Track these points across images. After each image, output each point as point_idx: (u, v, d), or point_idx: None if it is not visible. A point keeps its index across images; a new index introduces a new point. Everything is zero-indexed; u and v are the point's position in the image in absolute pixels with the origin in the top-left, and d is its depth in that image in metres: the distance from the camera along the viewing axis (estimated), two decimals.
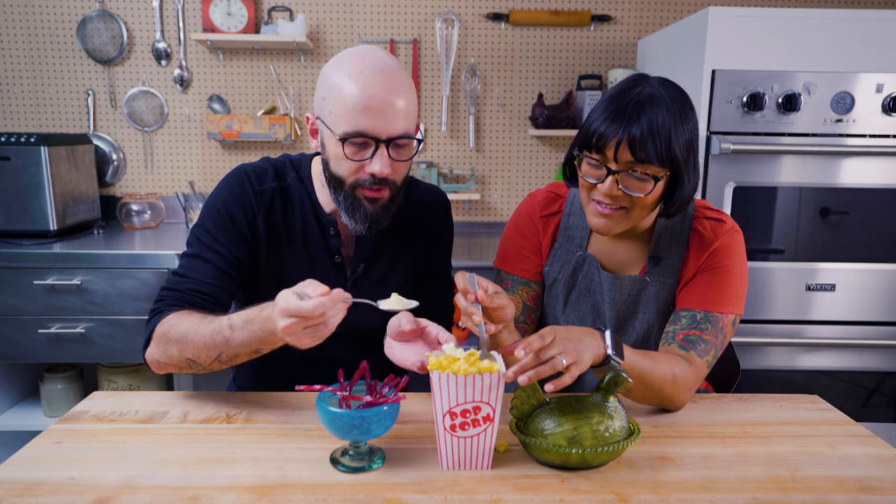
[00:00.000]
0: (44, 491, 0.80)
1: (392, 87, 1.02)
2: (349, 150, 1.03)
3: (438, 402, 0.83)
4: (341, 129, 1.02)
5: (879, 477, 0.86)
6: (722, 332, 1.09)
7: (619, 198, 1.04)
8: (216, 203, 1.14)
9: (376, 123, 1.01)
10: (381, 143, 1.02)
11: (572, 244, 1.21)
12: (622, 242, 1.19)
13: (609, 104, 1.02)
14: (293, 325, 0.85)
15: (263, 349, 0.97)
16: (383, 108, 1.00)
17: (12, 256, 1.98)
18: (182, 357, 1.01)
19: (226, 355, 0.98)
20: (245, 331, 0.95)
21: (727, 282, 1.11)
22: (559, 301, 1.22)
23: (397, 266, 1.23)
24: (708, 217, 1.16)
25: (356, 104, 1.00)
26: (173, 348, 1.01)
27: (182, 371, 1.04)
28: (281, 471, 0.85)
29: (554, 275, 1.22)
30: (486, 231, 2.67)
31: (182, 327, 1.01)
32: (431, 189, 1.29)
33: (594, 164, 1.04)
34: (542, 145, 2.64)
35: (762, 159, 1.92)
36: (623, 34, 2.57)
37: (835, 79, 1.87)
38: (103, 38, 2.47)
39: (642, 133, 0.98)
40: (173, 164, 2.60)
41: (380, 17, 2.53)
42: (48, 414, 2.27)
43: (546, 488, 0.82)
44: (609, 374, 0.89)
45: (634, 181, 1.02)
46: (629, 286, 1.16)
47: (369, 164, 1.03)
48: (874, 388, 2.07)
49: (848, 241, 1.98)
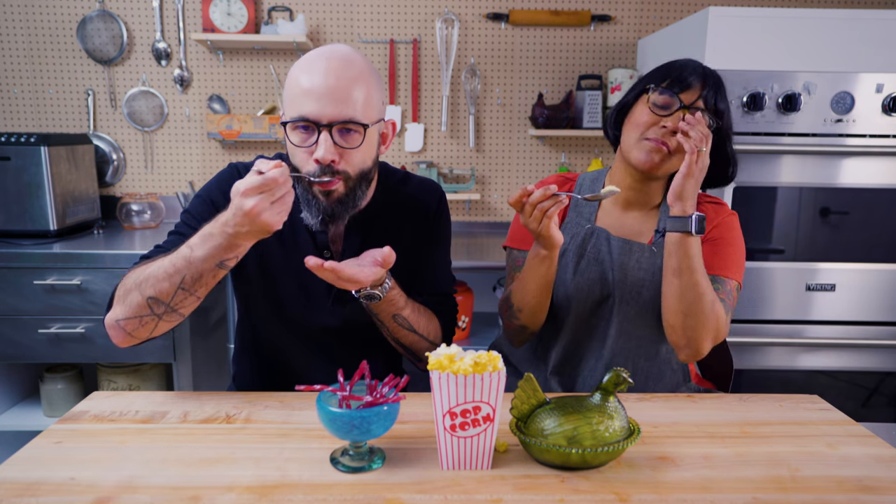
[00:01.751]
0: (44, 491, 0.80)
1: (338, 72, 1.01)
2: (295, 137, 1.04)
3: (438, 402, 0.83)
4: (287, 115, 1.04)
5: (879, 477, 0.86)
6: (730, 296, 1.18)
7: (671, 138, 1.15)
8: (203, 193, 1.17)
9: (317, 107, 1.01)
10: (322, 127, 1.01)
11: (581, 218, 1.29)
12: (630, 215, 1.27)
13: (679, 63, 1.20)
14: (260, 202, 0.88)
15: (228, 260, 0.97)
16: (325, 92, 1.00)
17: (12, 256, 1.98)
18: (143, 299, 0.98)
19: (189, 277, 0.97)
20: (205, 245, 0.95)
21: (729, 252, 1.21)
22: (568, 269, 1.26)
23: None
24: (709, 202, 1.28)
25: (300, 89, 1.02)
26: (134, 293, 0.99)
27: (146, 327, 1.01)
28: (281, 471, 0.85)
29: (564, 245, 1.25)
30: (486, 231, 2.67)
31: (142, 270, 1.00)
32: (425, 182, 1.28)
33: (667, 97, 1.16)
34: (542, 145, 2.64)
35: (762, 159, 1.92)
36: (623, 34, 2.57)
37: (835, 79, 1.87)
38: (103, 38, 2.47)
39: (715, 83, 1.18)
40: (173, 164, 2.61)
41: (380, 17, 2.53)
42: (48, 414, 2.27)
43: (546, 488, 0.82)
44: (609, 374, 0.89)
45: (695, 117, 1.13)
46: (638, 253, 1.23)
47: (314, 151, 1.03)
48: (874, 388, 2.07)
49: (848, 241, 1.98)
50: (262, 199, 0.89)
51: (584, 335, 1.27)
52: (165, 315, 1.00)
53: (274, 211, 0.91)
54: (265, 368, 1.28)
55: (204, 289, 1.00)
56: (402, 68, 2.57)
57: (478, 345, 2.30)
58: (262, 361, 1.27)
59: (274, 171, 0.90)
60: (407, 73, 2.57)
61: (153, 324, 1.01)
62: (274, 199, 0.90)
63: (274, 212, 0.91)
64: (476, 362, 0.83)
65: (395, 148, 2.63)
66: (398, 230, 1.22)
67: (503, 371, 0.84)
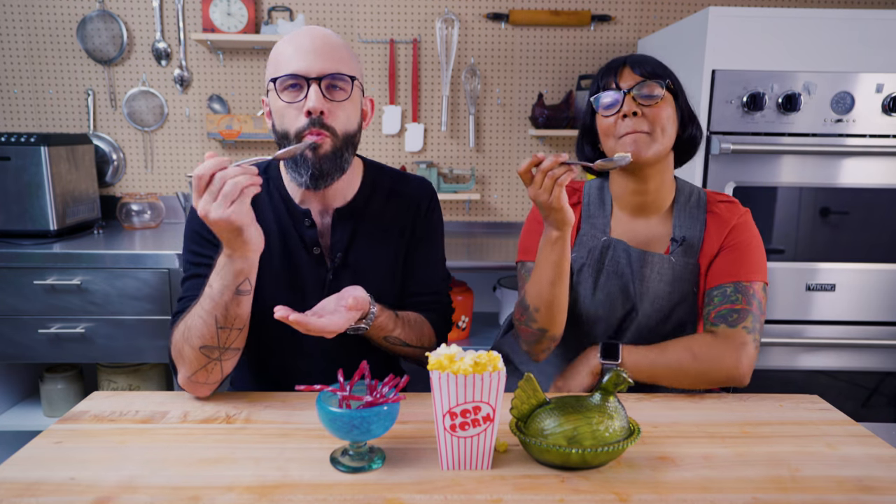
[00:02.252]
0: (44, 491, 0.80)
1: (322, 37, 1.09)
2: (285, 96, 1.08)
3: (438, 402, 0.83)
4: (271, 74, 1.09)
5: (879, 477, 0.86)
6: (755, 298, 1.17)
7: (639, 120, 1.15)
8: (190, 225, 1.19)
9: (304, 63, 1.06)
10: (311, 80, 1.06)
11: (596, 230, 1.27)
12: (643, 222, 1.26)
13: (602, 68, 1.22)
14: (203, 205, 0.90)
15: (241, 285, 0.98)
16: (311, 49, 1.07)
17: (12, 256, 1.98)
18: (195, 351, 1.01)
19: (220, 315, 0.99)
20: (217, 278, 0.98)
21: (749, 254, 1.20)
22: (588, 285, 1.25)
23: (379, 255, 1.22)
24: (721, 201, 1.26)
25: (286, 53, 1.08)
26: (186, 349, 1.02)
27: (213, 373, 1.03)
28: (281, 471, 0.85)
29: (581, 260, 1.24)
30: (486, 231, 2.67)
31: (183, 325, 1.03)
32: (418, 181, 1.30)
33: (609, 98, 1.17)
34: (542, 145, 2.64)
35: (762, 159, 1.92)
36: (623, 34, 2.57)
37: (835, 79, 1.87)
38: (103, 38, 2.47)
39: (638, 58, 1.18)
40: (173, 164, 2.61)
41: (380, 17, 2.53)
42: (48, 414, 2.27)
43: (546, 488, 0.82)
44: (609, 374, 0.89)
45: (645, 95, 1.15)
46: (659, 264, 1.22)
47: (304, 105, 1.07)
48: (874, 388, 2.07)
49: (848, 241, 1.98)
50: (203, 202, 0.90)
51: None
52: (223, 356, 1.03)
53: (220, 205, 0.90)
54: (261, 369, 1.28)
55: (239, 320, 1.01)
56: (402, 68, 2.57)
57: (478, 345, 2.30)
58: (259, 362, 1.27)
59: (199, 167, 0.90)
60: (407, 73, 2.57)
61: (217, 367, 1.03)
62: (215, 194, 0.90)
63: (220, 206, 0.90)
64: (476, 362, 0.83)
65: (395, 148, 2.63)
66: (387, 226, 1.23)
67: (503, 371, 0.84)
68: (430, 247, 1.29)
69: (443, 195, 2.54)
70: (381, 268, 1.22)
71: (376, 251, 1.21)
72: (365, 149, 2.61)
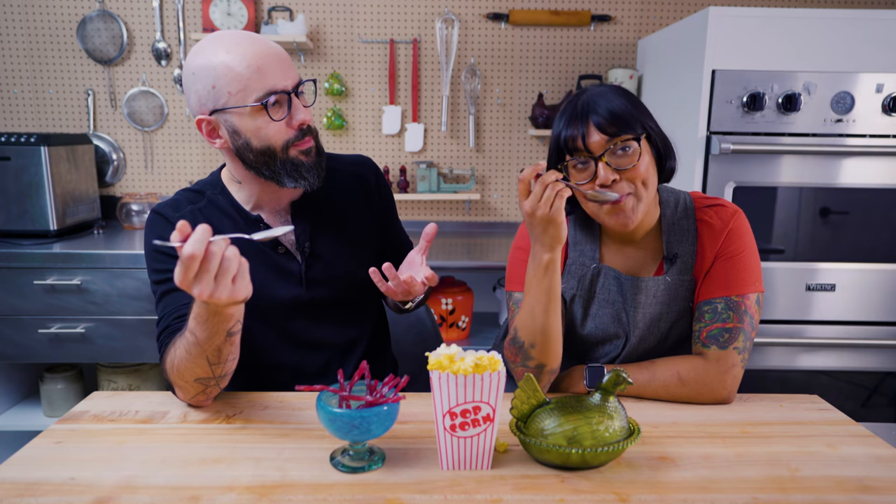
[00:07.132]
0: (44, 491, 0.80)
1: (265, 44, 1.05)
2: (273, 112, 1.05)
3: (438, 402, 0.83)
4: (252, 97, 1.03)
5: (879, 477, 0.86)
6: (748, 314, 1.12)
7: (619, 184, 1.07)
8: (147, 248, 1.14)
9: (278, 78, 1.04)
10: (290, 93, 1.05)
11: (585, 257, 1.21)
12: (632, 247, 1.20)
13: (562, 115, 1.10)
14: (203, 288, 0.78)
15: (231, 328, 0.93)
16: (273, 62, 1.04)
17: (12, 256, 1.98)
18: (191, 383, 0.99)
19: (210, 354, 0.95)
20: (203, 328, 0.91)
21: (743, 264, 1.14)
22: (578, 315, 1.21)
23: (345, 236, 1.23)
24: (708, 206, 1.19)
25: (250, 69, 1.02)
26: (180, 381, 1.00)
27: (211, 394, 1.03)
28: (281, 471, 0.85)
29: (571, 291, 1.21)
30: (486, 231, 2.67)
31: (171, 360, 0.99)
32: (356, 158, 1.32)
33: (580, 166, 1.08)
34: (542, 145, 2.64)
35: (762, 159, 1.92)
36: (623, 34, 2.57)
37: (835, 79, 1.87)
38: (103, 38, 2.47)
39: (603, 110, 1.05)
40: (173, 164, 2.61)
41: (380, 17, 2.53)
42: (48, 414, 2.27)
43: (546, 488, 0.82)
44: (609, 374, 0.89)
45: (620, 157, 1.06)
46: (653, 288, 1.16)
47: (292, 118, 1.06)
48: (874, 388, 2.07)
49: (848, 241, 1.98)
50: (203, 285, 0.78)
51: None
52: (220, 382, 1.01)
53: (222, 286, 0.80)
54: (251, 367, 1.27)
55: (232, 353, 0.98)
56: (402, 68, 2.57)
57: (478, 345, 2.30)
58: (258, 365, 1.27)
59: (187, 247, 0.76)
60: (407, 73, 2.57)
61: (216, 387, 1.02)
62: (212, 273, 0.78)
63: (222, 287, 0.80)
64: (476, 363, 0.83)
65: (395, 148, 2.63)
66: (343, 211, 1.24)
67: (503, 371, 0.84)
68: (392, 219, 1.34)
69: (443, 195, 2.54)
70: (350, 248, 1.23)
71: (342, 234, 1.23)
72: (365, 149, 2.61)
